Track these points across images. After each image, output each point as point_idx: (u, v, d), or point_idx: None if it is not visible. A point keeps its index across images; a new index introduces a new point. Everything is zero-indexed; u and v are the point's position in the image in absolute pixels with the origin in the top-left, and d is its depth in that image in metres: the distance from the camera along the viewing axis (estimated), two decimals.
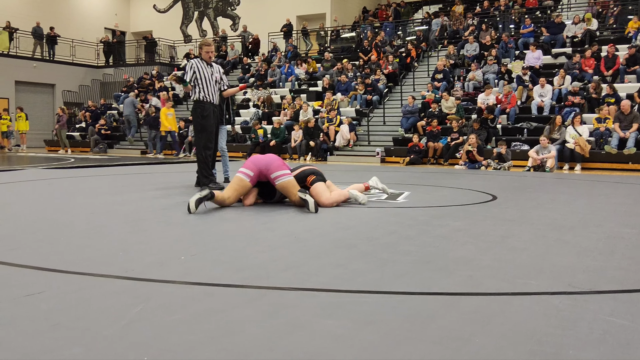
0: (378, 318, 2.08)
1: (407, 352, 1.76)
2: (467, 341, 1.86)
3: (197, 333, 1.91)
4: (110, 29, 29.11)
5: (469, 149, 12.20)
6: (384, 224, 4.24)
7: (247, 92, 19.77)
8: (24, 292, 2.36)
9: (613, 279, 2.68)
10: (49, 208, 5.06)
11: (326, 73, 19.14)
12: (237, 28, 26.77)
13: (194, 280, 2.58)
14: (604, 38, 16.56)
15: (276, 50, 22.49)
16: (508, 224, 4.29)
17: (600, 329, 1.98)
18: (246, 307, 2.20)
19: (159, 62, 26.12)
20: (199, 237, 3.72)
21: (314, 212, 4.70)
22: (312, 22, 24.88)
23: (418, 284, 2.58)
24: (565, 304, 2.28)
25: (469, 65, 16.76)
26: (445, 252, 3.26)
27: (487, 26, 18.43)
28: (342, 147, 15.39)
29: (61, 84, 24.86)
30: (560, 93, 14.05)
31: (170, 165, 12.38)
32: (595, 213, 4.99)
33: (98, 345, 1.80)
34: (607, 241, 3.64)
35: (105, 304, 2.23)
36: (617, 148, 11.78)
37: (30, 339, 1.85)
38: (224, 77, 7.05)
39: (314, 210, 4.72)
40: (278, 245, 3.43)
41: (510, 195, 6.41)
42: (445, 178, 9.09)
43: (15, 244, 3.39)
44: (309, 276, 2.69)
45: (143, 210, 4.94)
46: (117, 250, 3.22)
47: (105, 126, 20.10)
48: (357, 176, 9.27)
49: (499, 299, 2.36)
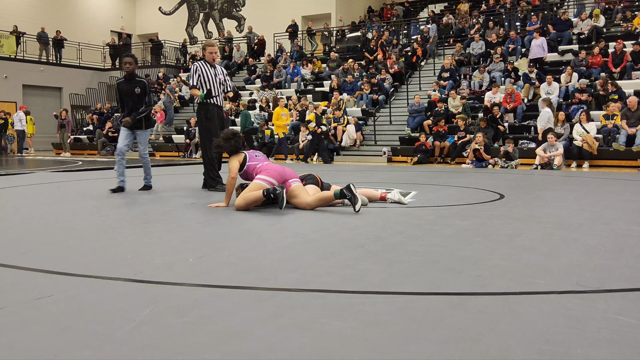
0: (386, 318, 2.08)
1: (415, 353, 1.77)
2: (475, 341, 1.86)
3: (206, 335, 1.92)
4: (117, 32, 29.25)
5: (476, 148, 12.17)
6: (391, 224, 4.23)
7: (253, 92, 19.81)
8: (34, 296, 2.38)
9: (622, 278, 2.67)
10: (58, 211, 5.09)
11: (332, 73, 19.14)
12: (243, 29, 26.82)
13: (203, 282, 2.59)
14: (611, 34, 16.47)
15: (282, 51, 22.51)
16: (516, 223, 4.28)
17: (609, 328, 1.97)
18: (254, 309, 2.21)
19: (165, 64, 26.22)
20: (206, 239, 3.73)
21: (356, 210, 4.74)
22: (317, 22, 24.89)
23: (426, 284, 2.58)
24: (574, 303, 2.28)
25: (475, 64, 16.71)
26: (453, 251, 3.26)
27: (493, 24, 18.37)
28: (348, 147, 15.39)
29: (68, 87, 25.02)
30: (568, 90, 13.98)
31: (177, 167, 12.42)
32: (603, 211, 4.97)
33: (107, 348, 1.81)
34: (616, 239, 3.63)
35: (114, 306, 2.24)
36: (625, 145, 11.71)
37: (40, 342, 1.87)
38: (227, 78, 7.06)
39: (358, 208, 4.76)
40: (285, 246, 3.44)
41: (517, 194, 6.38)
42: (452, 177, 9.07)
43: (25, 248, 3.41)
44: (316, 277, 2.69)
45: (151, 212, 4.96)
46: (125, 253, 3.24)
47: (112, 129, 20.20)
48: (364, 176, 9.27)
49: (507, 298, 2.36)
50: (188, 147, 17.21)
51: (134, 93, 6.63)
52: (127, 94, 6.66)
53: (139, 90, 6.65)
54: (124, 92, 6.68)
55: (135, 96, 6.64)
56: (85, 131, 21.49)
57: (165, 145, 18.65)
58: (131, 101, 6.66)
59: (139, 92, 6.65)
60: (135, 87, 6.63)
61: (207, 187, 6.82)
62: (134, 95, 6.64)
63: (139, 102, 6.69)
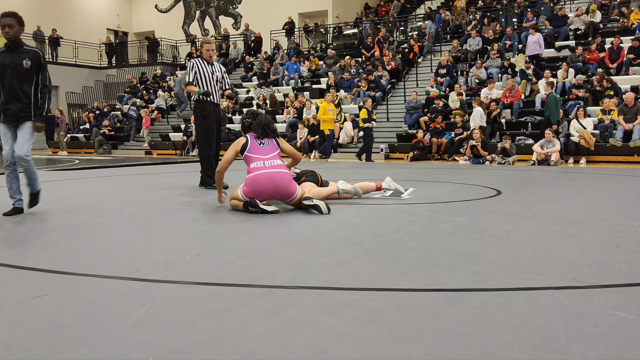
0: (383, 315, 2.08)
1: (412, 349, 1.77)
2: (472, 337, 1.86)
3: (203, 333, 1.92)
4: (113, 30, 29.17)
5: (473, 144, 12.18)
6: (388, 221, 4.23)
7: (250, 90, 19.78)
8: (31, 295, 2.37)
9: (618, 273, 2.67)
10: (54, 210, 5.08)
11: (329, 70, 19.11)
12: (239, 27, 26.78)
13: (200, 280, 2.59)
14: (607, 30, 16.48)
15: (278, 48, 22.48)
16: (513, 219, 4.28)
17: (606, 323, 1.97)
18: (252, 306, 2.21)
19: (162, 62, 26.16)
20: (203, 236, 3.73)
21: (328, 214, 4.56)
22: (314, 19, 24.86)
23: (423, 281, 2.58)
24: (570, 298, 2.28)
25: (472, 60, 16.71)
26: (450, 248, 3.26)
27: (490, 20, 18.37)
28: (345, 144, 15.38)
29: (65, 86, 24.95)
30: (565, 86, 13.99)
31: (173, 165, 12.40)
32: (600, 206, 4.98)
33: (104, 346, 1.81)
34: (613, 235, 3.63)
35: (111, 304, 2.24)
36: (622, 140, 11.73)
37: (36, 341, 1.86)
38: (225, 75, 7.03)
39: (327, 212, 4.57)
40: (283, 244, 3.44)
41: (514, 190, 6.39)
42: (449, 173, 9.07)
43: (21, 247, 3.40)
44: (314, 274, 2.69)
45: (148, 210, 4.95)
46: (122, 251, 3.23)
47: (109, 127, 20.16)
48: (361, 173, 9.27)
49: (504, 294, 2.36)
50: (185, 145, 17.19)
51: (20, 67, 4.54)
52: (10, 70, 4.55)
53: (29, 63, 4.56)
54: (2, 68, 4.56)
55: (22, 72, 4.56)
56: (82, 130, 21.44)
57: (163, 144, 18.62)
58: (15, 80, 4.55)
59: (29, 67, 4.57)
60: (24, 59, 4.56)
61: (204, 185, 6.81)
62: (21, 71, 4.56)
63: (27, 82, 4.59)
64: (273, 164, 4.78)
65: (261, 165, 4.74)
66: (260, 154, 4.81)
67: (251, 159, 4.80)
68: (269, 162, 4.77)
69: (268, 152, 4.83)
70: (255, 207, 4.60)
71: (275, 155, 4.85)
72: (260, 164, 4.75)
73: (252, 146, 4.84)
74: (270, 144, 4.91)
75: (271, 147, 4.90)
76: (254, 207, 4.60)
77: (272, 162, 4.78)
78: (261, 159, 4.78)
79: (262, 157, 4.79)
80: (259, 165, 4.75)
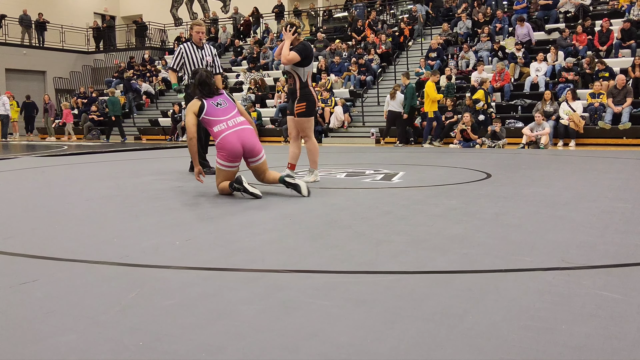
0: (372, 297, 2.09)
1: (402, 330, 1.78)
2: (461, 318, 1.87)
3: (193, 317, 1.92)
4: (100, 14, 28.76)
5: (463, 128, 12.19)
6: (379, 204, 4.24)
7: (239, 74, 19.64)
8: (19, 280, 2.36)
9: (606, 254, 2.69)
10: (43, 196, 5.04)
11: (319, 54, 19.00)
12: (228, 10, 26.48)
13: (189, 265, 2.58)
14: (598, 12, 16.48)
15: (268, 32, 22.29)
16: (502, 202, 4.30)
17: (593, 304, 1.99)
18: (242, 290, 2.21)
19: (150, 46, 25.86)
20: (193, 221, 3.72)
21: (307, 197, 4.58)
22: (304, 2, 24.61)
23: (413, 263, 2.59)
24: (559, 279, 2.30)
25: (462, 43, 16.66)
26: (440, 230, 3.27)
27: (480, 3, 18.28)
28: (336, 129, 15.35)
29: (52, 71, 24.63)
30: (554, 69, 14.00)
31: (163, 150, 12.33)
32: (589, 188, 5.01)
33: (93, 331, 1.80)
34: (601, 216, 3.66)
35: (100, 290, 2.23)
36: (610, 123, 11.79)
37: (25, 327, 1.85)
38: (216, 59, 6.92)
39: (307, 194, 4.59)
40: (273, 227, 3.43)
41: (504, 173, 6.41)
42: (439, 157, 9.09)
43: (10, 233, 3.38)
44: (304, 258, 2.69)
45: (137, 196, 4.92)
46: (112, 237, 3.22)
47: (97, 112, 19.95)
48: (352, 157, 9.27)
49: (493, 276, 2.38)
50: (175, 130, 17.08)
51: None
52: None
53: None
54: None
55: None
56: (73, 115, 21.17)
57: (152, 129, 18.47)
58: None
59: None
60: None
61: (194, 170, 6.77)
62: None
63: None
64: (237, 122, 4.70)
65: (225, 126, 4.65)
66: (220, 115, 4.70)
67: (212, 122, 4.68)
68: (231, 121, 4.69)
69: (228, 112, 4.74)
70: (240, 184, 4.52)
71: (236, 114, 4.76)
72: (224, 126, 4.65)
73: (210, 109, 4.71)
74: (227, 103, 4.81)
75: (229, 106, 4.80)
76: (239, 184, 4.52)
77: (235, 121, 4.70)
78: (223, 120, 4.68)
79: (223, 119, 4.69)
80: (223, 127, 4.65)
